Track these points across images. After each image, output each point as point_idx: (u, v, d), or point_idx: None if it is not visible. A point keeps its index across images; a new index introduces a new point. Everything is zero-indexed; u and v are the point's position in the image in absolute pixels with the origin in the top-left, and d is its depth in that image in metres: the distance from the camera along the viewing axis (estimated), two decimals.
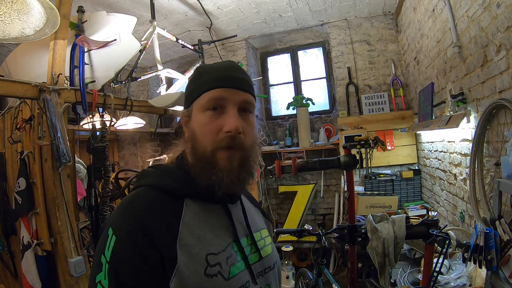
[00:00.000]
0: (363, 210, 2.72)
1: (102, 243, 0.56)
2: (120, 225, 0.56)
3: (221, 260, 0.59)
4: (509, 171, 1.24)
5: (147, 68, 4.50)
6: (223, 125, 0.61)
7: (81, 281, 1.69)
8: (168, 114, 2.60)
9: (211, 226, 0.62)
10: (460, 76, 1.86)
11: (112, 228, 0.56)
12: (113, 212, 0.62)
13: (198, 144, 0.63)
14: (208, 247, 0.59)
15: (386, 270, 1.54)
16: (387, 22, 3.47)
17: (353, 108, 3.57)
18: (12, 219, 1.92)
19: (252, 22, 3.50)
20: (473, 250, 1.28)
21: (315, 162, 1.68)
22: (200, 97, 0.64)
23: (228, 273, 0.59)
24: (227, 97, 0.63)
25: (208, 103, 0.62)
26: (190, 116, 0.66)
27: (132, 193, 0.62)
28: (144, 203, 0.59)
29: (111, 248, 0.54)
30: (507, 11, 1.28)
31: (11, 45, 2.84)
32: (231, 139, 0.61)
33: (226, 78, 0.64)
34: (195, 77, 0.68)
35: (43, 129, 1.67)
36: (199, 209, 0.62)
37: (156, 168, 0.67)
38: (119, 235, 0.55)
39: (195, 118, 0.65)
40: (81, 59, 1.88)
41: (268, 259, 0.70)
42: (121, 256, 0.54)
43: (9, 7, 1.08)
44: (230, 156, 0.61)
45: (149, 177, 0.65)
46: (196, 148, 0.63)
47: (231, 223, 0.65)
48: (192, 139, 0.64)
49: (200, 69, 0.69)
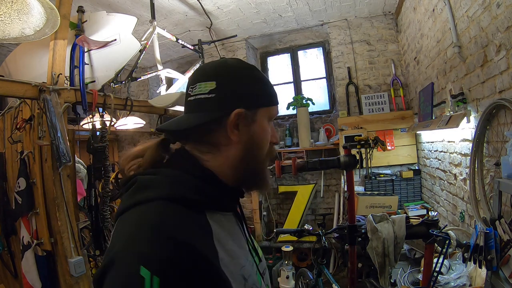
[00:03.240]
0: (363, 210, 2.72)
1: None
2: (162, 261, 0.40)
3: (250, 272, 0.56)
4: (509, 171, 1.24)
5: (147, 68, 4.50)
6: (272, 136, 0.65)
7: (81, 281, 1.69)
8: (168, 114, 2.60)
9: (233, 236, 0.57)
10: (460, 76, 1.86)
11: (146, 268, 0.39)
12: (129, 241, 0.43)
13: (258, 151, 0.61)
14: (239, 261, 0.54)
15: (386, 270, 1.54)
16: (387, 22, 3.47)
17: (353, 108, 3.57)
18: (12, 219, 1.92)
19: (252, 22, 3.50)
20: (473, 250, 1.28)
21: (315, 162, 1.68)
22: (272, 108, 0.64)
23: (257, 282, 0.58)
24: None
25: (274, 116, 0.65)
26: (254, 119, 0.60)
27: (150, 210, 0.47)
28: (176, 222, 0.46)
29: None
30: (507, 11, 1.28)
31: (11, 45, 2.84)
32: (273, 148, 0.66)
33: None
34: (260, 80, 0.63)
35: (43, 129, 1.67)
36: (220, 220, 0.55)
37: (158, 175, 0.54)
38: (167, 276, 0.40)
39: (261, 125, 0.61)
40: (81, 59, 1.88)
41: (263, 259, 0.70)
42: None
43: (9, 7, 1.08)
44: (269, 164, 0.67)
45: (159, 187, 0.51)
46: (254, 155, 0.61)
47: (243, 230, 0.64)
48: (251, 145, 0.60)
49: (263, 76, 0.66)
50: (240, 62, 0.63)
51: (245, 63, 0.64)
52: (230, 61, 0.63)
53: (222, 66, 0.61)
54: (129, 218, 0.48)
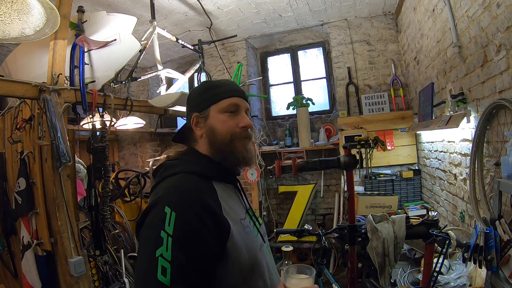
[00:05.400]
0: (363, 210, 2.72)
1: (158, 220, 0.64)
2: (179, 202, 0.66)
3: (247, 224, 0.79)
4: (509, 171, 1.24)
5: (147, 68, 4.50)
6: (239, 123, 0.83)
7: (81, 281, 1.69)
8: (168, 114, 2.60)
9: (232, 199, 0.81)
10: (460, 76, 1.86)
11: (168, 206, 0.65)
12: (163, 193, 0.70)
13: (218, 136, 0.82)
14: (239, 214, 0.78)
15: (386, 270, 1.54)
16: (387, 22, 3.47)
17: (353, 108, 3.57)
18: (12, 219, 1.92)
19: (252, 22, 3.50)
20: (473, 250, 1.28)
21: (315, 162, 1.68)
22: (220, 102, 0.84)
23: (254, 232, 0.81)
24: (240, 104, 0.86)
25: (229, 106, 0.84)
26: (207, 117, 0.84)
27: (175, 178, 0.75)
28: (193, 184, 0.73)
29: (172, 223, 0.63)
30: (507, 11, 1.28)
31: (11, 45, 2.84)
32: (245, 131, 0.84)
33: (238, 91, 0.88)
34: (208, 88, 0.88)
35: (43, 129, 1.67)
36: (223, 187, 0.80)
37: (179, 160, 0.83)
38: (180, 211, 0.65)
39: (215, 117, 0.83)
40: (81, 59, 1.88)
41: (263, 225, 0.92)
42: (186, 229, 0.64)
43: (9, 7, 1.08)
44: (244, 143, 0.84)
45: (179, 166, 0.79)
46: (217, 140, 0.82)
47: (242, 198, 0.87)
48: (211, 134, 0.83)
49: (211, 83, 0.91)
50: (195, 87, 0.94)
51: (201, 83, 0.94)
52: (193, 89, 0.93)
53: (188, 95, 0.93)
54: (162, 184, 0.76)
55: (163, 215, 0.64)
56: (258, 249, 0.79)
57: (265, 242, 0.86)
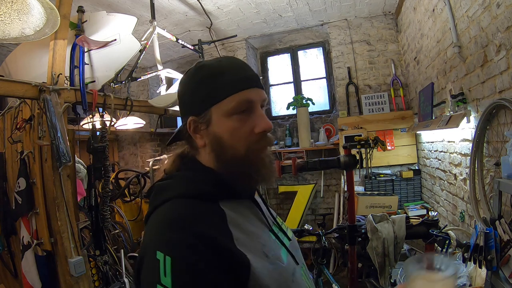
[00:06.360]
0: (363, 210, 2.72)
1: (151, 273, 0.48)
2: (172, 244, 0.49)
3: (272, 249, 0.59)
4: (509, 171, 1.24)
5: (147, 68, 4.50)
6: (254, 126, 0.60)
7: (81, 281, 1.69)
8: (168, 114, 2.60)
9: (249, 220, 0.61)
10: (460, 76, 1.86)
11: (160, 251, 0.48)
12: (151, 233, 0.54)
13: (227, 149, 0.60)
14: (259, 239, 0.58)
15: (386, 270, 1.54)
16: (387, 22, 3.47)
17: (353, 108, 3.57)
18: (12, 219, 1.92)
19: (252, 22, 3.50)
20: (473, 250, 1.28)
21: (315, 162, 1.68)
22: (225, 101, 0.58)
23: (282, 258, 0.60)
24: (254, 98, 0.60)
25: (239, 106, 0.58)
26: (208, 122, 0.60)
27: (166, 208, 0.56)
28: (187, 214, 0.53)
29: (169, 273, 0.46)
30: (507, 11, 1.28)
31: (11, 45, 2.84)
32: (264, 138, 0.61)
33: (249, 78, 0.61)
34: (205, 77, 0.60)
35: (43, 129, 1.67)
36: (234, 207, 0.60)
37: (173, 178, 0.62)
38: (176, 254, 0.48)
39: (219, 124, 0.59)
40: (81, 59, 1.88)
41: (294, 239, 0.73)
42: (188, 275, 0.47)
43: (9, 7, 1.08)
44: (263, 154, 0.62)
45: (173, 188, 0.59)
46: (225, 154, 0.60)
47: (262, 214, 0.66)
48: (217, 146, 0.60)
49: (210, 69, 0.61)
50: (191, 69, 0.64)
51: (195, 67, 0.64)
52: (185, 74, 0.65)
53: (179, 84, 0.67)
54: (152, 218, 0.58)
55: (155, 263, 0.47)
56: (291, 280, 0.59)
57: (298, 264, 0.66)
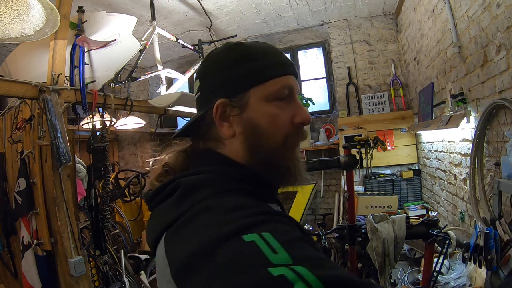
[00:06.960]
0: (363, 210, 2.72)
1: (248, 262, 0.32)
2: (257, 220, 0.38)
3: None
4: (509, 171, 1.24)
5: (147, 68, 4.50)
6: (294, 115, 0.53)
7: (81, 281, 1.69)
8: (168, 114, 2.60)
9: None
10: (460, 76, 1.86)
11: (248, 234, 0.35)
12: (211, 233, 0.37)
13: (264, 139, 0.52)
14: None
15: (386, 270, 1.54)
16: (387, 22, 3.47)
17: (353, 108, 3.57)
18: (12, 219, 1.92)
19: (252, 22, 3.50)
20: (473, 250, 1.28)
21: (315, 162, 1.67)
22: (269, 83, 0.52)
23: None
24: (294, 85, 0.55)
25: (282, 90, 0.52)
26: (244, 106, 0.52)
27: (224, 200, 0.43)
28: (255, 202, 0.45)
29: (278, 246, 0.33)
30: (507, 11, 1.28)
31: (11, 45, 2.84)
32: (301, 131, 0.55)
33: (291, 66, 0.55)
34: (245, 56, 0.53)
35: (43, 129, 1.66)
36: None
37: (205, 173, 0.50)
38: (272, 227, 0.37)
39: (258, 109, 0.52)
40: (81, 59, 1.88)
41: None
42: (300, 241, 0.36)
43: (9, 7, 1.08)
44: (298, 148, 0.56)
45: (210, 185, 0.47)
46: (263, 145, 0.52)
47: None
48: (254, 134, 0.52)
49: (249, 48, 0.54)
50: (222, 47, 0.57)
51: (227, 45, 0.56)
52: (213, 51, 0.57)
53: (203, 60, 0.58)
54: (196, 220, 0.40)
55: (251, 248, 0.33)
56: None
57: None
